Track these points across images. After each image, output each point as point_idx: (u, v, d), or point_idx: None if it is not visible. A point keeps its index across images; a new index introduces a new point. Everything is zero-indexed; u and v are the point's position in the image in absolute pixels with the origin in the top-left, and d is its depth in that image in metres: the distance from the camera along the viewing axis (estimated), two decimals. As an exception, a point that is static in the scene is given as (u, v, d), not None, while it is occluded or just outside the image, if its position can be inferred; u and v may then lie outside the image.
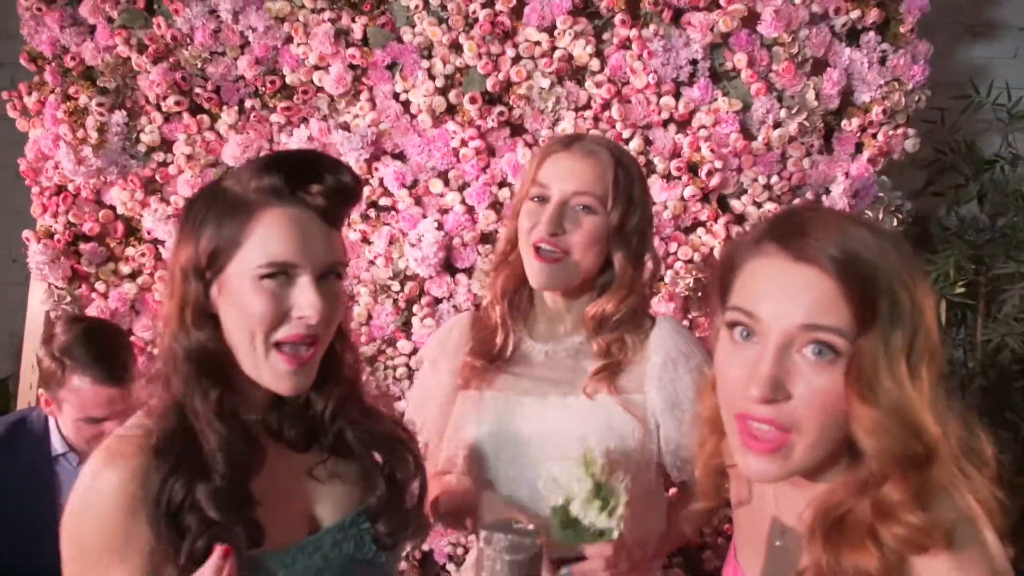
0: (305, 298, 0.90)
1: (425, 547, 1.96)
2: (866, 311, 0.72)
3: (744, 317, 0.77)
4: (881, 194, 1.89)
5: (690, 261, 1.88)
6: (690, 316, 1.91)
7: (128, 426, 0.94)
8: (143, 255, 2.03)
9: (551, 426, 1.21)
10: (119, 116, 1.98)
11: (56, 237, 2.05)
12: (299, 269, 0.91)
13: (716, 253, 1.87)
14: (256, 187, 0.93)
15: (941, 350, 0.79)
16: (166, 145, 2.00)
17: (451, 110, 1.91)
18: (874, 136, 1.88)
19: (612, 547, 0.98)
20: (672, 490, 1.38)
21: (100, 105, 1.96)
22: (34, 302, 2.14)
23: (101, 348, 1.60)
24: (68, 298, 2.08)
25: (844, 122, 1.89)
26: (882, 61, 1.87)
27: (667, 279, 1.87)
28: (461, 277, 1.95)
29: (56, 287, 2.07)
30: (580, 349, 1.27)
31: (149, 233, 2.03)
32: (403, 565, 1.90)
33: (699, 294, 1.83)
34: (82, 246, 2.06)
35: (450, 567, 2.01)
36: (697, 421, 0.94)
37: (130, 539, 0.86)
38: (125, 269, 2.06)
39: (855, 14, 1.84)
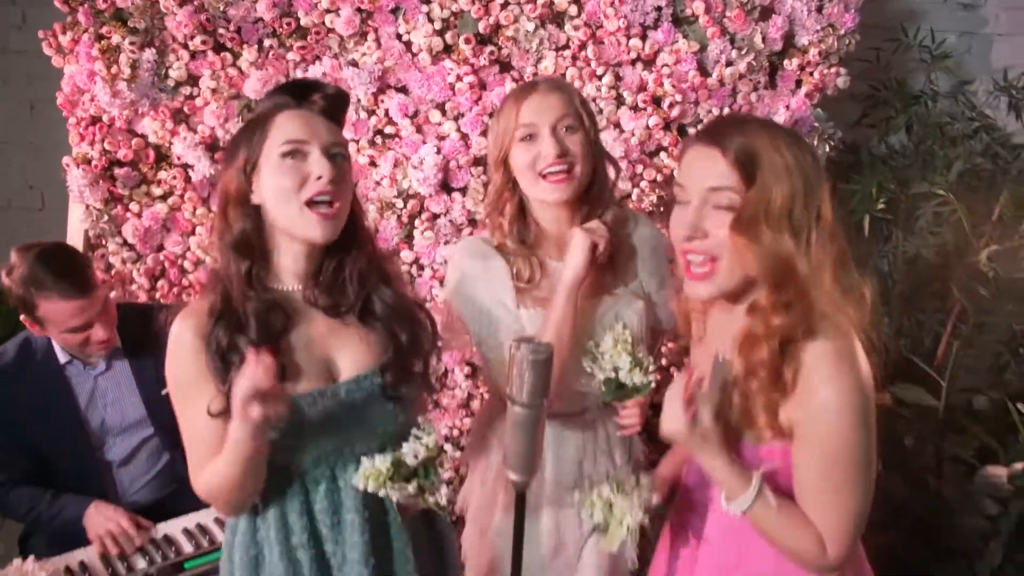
0: (317, 165, 1.19)
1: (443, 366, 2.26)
2: (749, 177, 1.05)
3: (679, 189, 1.11)
4: (816, 124, 2.20)
5: (654, 181, 2.19)
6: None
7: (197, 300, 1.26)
8: (173, 178, 2.29)
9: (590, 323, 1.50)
10: (149, 54, 2.21)
11: (93, 163, 2.30)
12: (309, 145, 1.20)
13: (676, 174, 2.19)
14: (270, 104, 1.25)
15: (835, 227, 1.11)
16: (192, 80, 2.24)
17: (448, 49, 2.18)
18: (811, 74, 2.19)
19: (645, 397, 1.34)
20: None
21: (132, 44, 2.19)
22: (74, 221, 2.39)
23: (59, 267, 1.77)
24: (105, 217, 2.34)
25: (786, 62, 2.20)
26: (819, 9, 2.17)
27: (634, 197, 2.19)
28: (456, 195, 2.24)
29: (94, 208, 2.33)
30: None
31: (179, 159, 2.28)
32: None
33: (662, 209, 2.15)
34: (117, 171, 2.30)
35: (447, 447, 2.36)
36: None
37: (200, 374, 1.19)
38: (157, 191, 2.32)
39: (796, -34, 2.13)
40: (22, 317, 1.85)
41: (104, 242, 2.36)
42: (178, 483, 1.87)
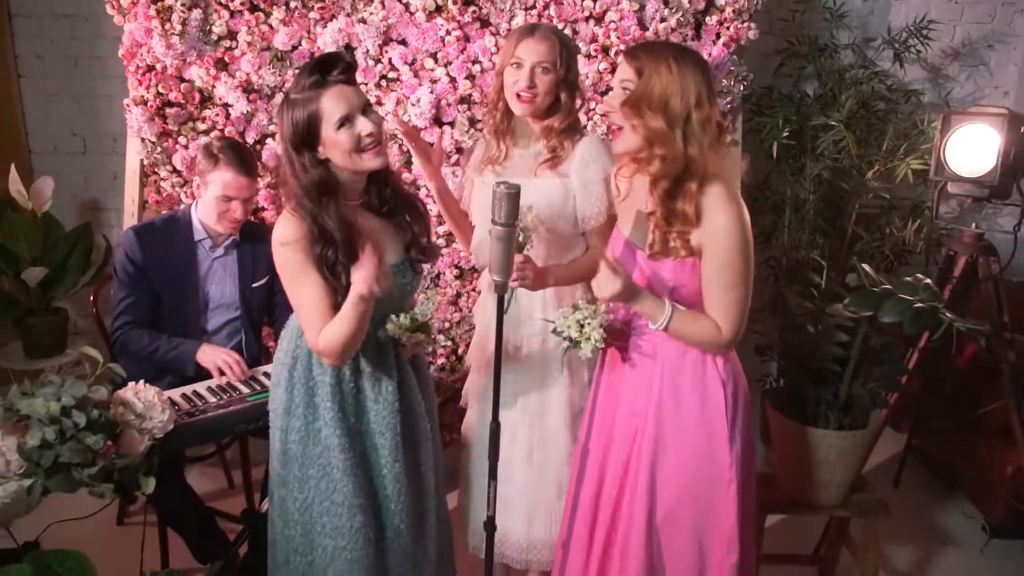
0: (362, 125, 1.68)
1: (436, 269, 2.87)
2: (640, 76, 1.61)
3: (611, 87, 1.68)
4: (732, 68, 2.76)
5: (604, 115, 2.74)
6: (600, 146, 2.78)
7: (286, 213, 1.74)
8: (216, 116, 2.81)
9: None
10: (196, 13, 2.71)
11: (148, 104, 2.81)
12: (352, 113, 1.68)
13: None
14: (309, 84, 1.68)
15: (714, 116, 1.65)
16: (232, 34, 2.75)
17: (439, 9, 2.71)
18: (727, 28, 2.74)
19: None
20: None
21: (182, 5, 2.70)
22: (131, 153, 2.91)
23: (241, 152, 2.40)
24: (158, 149, 2.85)
25: (707, 19, 2.74)
26: (733, -24, 2.72)
27: (588, 127, 2.74)
28: (447, 128, 2.79)
29: (149, 141, 2.84)
30: (538, 152, 2.11)
31: (220, 99, 2.79)
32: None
33: (609, 136, 2.69)
34: (168, 111, 2.81)
35: (440, 337, 2.92)
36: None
37: (305, 264, 1.71)
38: (201, 127, 2.83)
39: (715, -58, 2.68)
40: (196, 179, 2.46)
41: (156, 170, 2.87)
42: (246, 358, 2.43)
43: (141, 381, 2.00)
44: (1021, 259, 3.57)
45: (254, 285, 2.53)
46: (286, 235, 1.72)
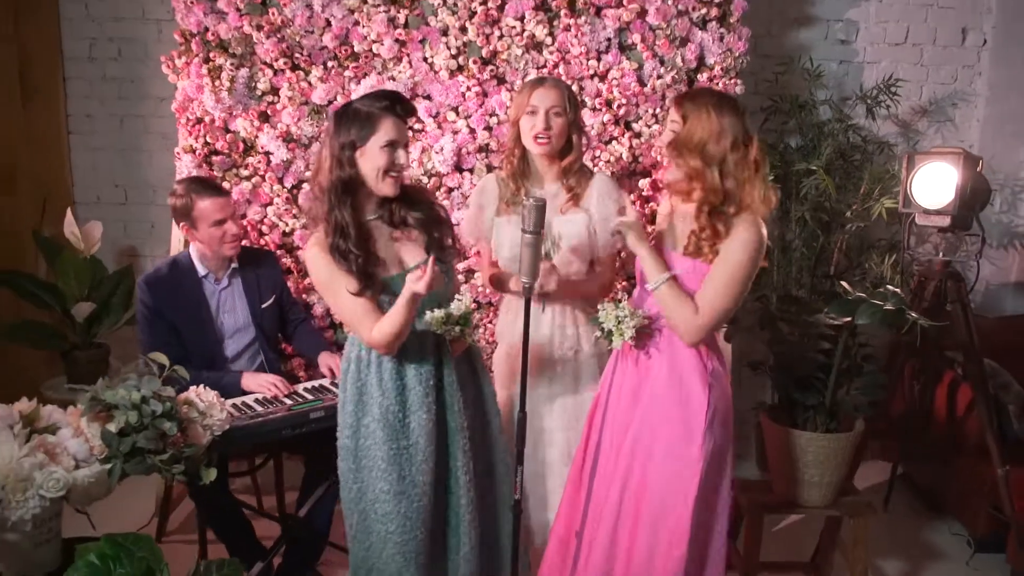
0: (400, 156, 1.98)
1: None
2: (685, 120, 1.91)
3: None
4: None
5: (608, 161, 3.06)
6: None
7: (317, 232, 2.03)
8: (257, 163, 3.12)
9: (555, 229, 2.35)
10: (244, 72, 3.05)
11: (196, 152, 3.12)
12: (398, 143, 1.98)
13: (624, 156, 3.06)
14: (379, 107, 1.99)
15: (758, 157, 1.95)
16: (274, 91, 3.08)
17: (460, 68, 3.05)
18: (717, 84, 3.08)
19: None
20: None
21: (231, 65, 3.04)
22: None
23: (204, 181, 2.69)
24: (204, 193, 3.15)
25: (699, 76, 3.09)
26: (721, 39, 3.07)
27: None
28: (466, 174, 3.09)
29: (196, 186, 3.14)
30: (555, 192, 2.40)
31: (262, 148, 3.10)
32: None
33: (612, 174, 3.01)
34: (214, 158, 3.13)
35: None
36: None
37: (335, 273, 1.98)
38: (243, 172, 3.13)
39: (704, 11, 3.04)
40: (180, 224, 2.66)
41: (202, 212, 3.16)
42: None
43: (201, 385, 2.24)
44: (991, 298, 3.87)
45: (263, 306, 2.75)
46: (312, 242, 2.02)
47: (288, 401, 2.52)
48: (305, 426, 2.42)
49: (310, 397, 2.53)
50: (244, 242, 2.92)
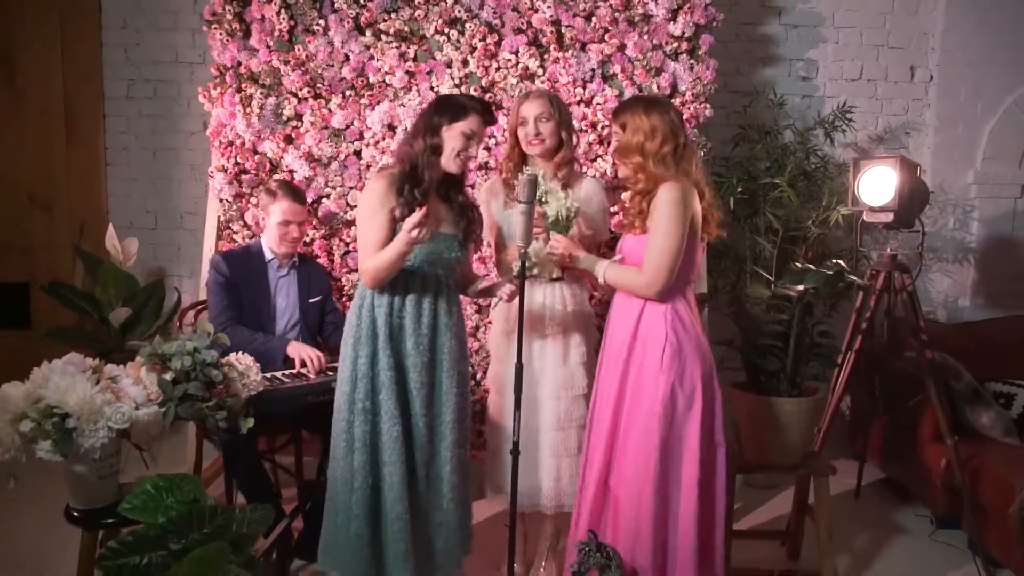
0: (473, 148, 2.38)
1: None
2: (624, 128, 2.31)
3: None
4: (694, 139, 3.50)
5: (593, 176, 3.45)
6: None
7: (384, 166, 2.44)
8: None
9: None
10: (272, 100, 3.47)
11: (227, 171, 3.50)
12: (475, 137, 2.38)
13: (608, 172, 3.46)
14: (472, 105, 2.40)
15: (676, 140, 2.35)
16: (298, 116, 3.49)
17: (462, 95, 3.47)
18: (688, 108, 3.50)
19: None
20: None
21: (261, 94, 3.46)
22: (211, 211, 3.58)
23: (293, 187, 3.15)
24: (233, 207, 3.53)
25: (673, 100, 3.52)
26: (691, 68, 3.50)
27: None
28: (468, 189, 3.47)
29: (226, 201, 3.51)
30: (550, 189, 2.78)
31: (287, 167, 3.50)
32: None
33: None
34: (243, 177, 3.52)
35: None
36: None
37: (383, 201, 2.35)
38: (270, 189, 3.53)
39: (676, 44, 3.48)
40: (260, 206, 3.16)
41: (231, 225, 3.53)
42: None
43: (240, 352, 2.57)
44: (950, 308, 4.21)
45: (310, 300, 3.16)
46: (379, 175, 2.40)
47: (313, 376, 2.84)
48: (327, 394, 2.73)
49: (331, 374, 2.85)
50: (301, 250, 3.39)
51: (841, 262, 2.54)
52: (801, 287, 2.48)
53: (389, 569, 2.39)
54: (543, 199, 2.49)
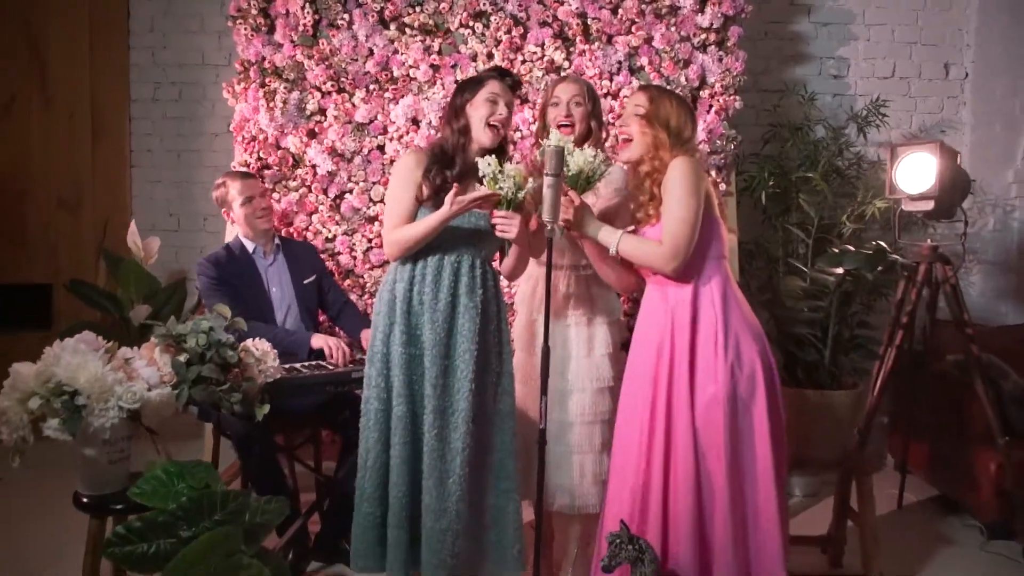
0: (501, 109, 2.32)
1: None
2: (651, 102, 2.23)
3: (624, 112, 2.29)
4: (724, 132, 3.41)
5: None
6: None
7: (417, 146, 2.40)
8: (306, 174, 3.46)
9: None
10: (295, 95, 3.44)
11: (250, 166, 3.47)
12: (500, 99, 2.31)
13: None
14: (488, 74, 2.37)
15: (691, 133, 2.27)
16: (322, 111, 3.45)
17: (487, 89, 3.42)
18: (718, 100, 3.42)
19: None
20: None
21: (285, 88, 3.43)
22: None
23: (235, 171, 3.18)
24: (255, 203, 3.47)
25: (702, 93, 3.43)
26: (720, 60, 3.42)
27: (609, 178, 3.35)
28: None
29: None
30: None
31: (309, 161, 3.45)
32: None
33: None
34: (265, 172, 3.48)
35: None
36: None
37: (410, 177, 2.29)
38: (292, 184, 3.47)
39: (704, 36, 3.41)
40: (224, 212, 3.13)
41: (252, 221, 3.48)
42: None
43: (257, 338, 2.49)
44: (991, 311, 4.06)
45: (304, 282, 3.09)
46: (413, 150, 2.41)
47: (331, 367, 2.76)
48: (347, 384, 2.65)
49: (353, 365, 2.77)
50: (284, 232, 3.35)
51: (881, 242, 2.40)
52: (840, 270, 2.35)
53: (388, 554, 2.29)
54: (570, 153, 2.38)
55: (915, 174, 2.88)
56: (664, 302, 2.27)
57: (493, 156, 2.24)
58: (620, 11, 3.39)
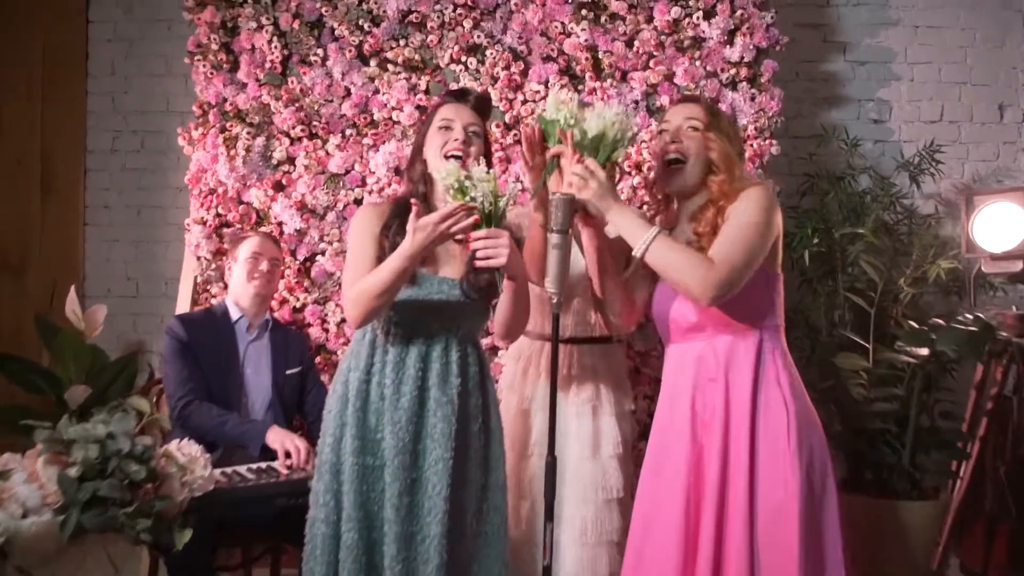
0: (457, 132, 1.88)
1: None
2: (710, 114, 1.75)
3: (666, 124, 1.81)
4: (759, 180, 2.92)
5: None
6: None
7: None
8: (270, 233, 2.98)
9: None
10: (260, 141, 2.98)
11: (207, 223, 2.99)
12: (454, 123, 1.89)
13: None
14: (438, 102, 1.96)
15: (736, 145, 1.81)
16: (290, 160, 2.99)
17: (482, 133, 2.96)
18: (751, 145, 2.94)
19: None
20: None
21: (248, 134, 2.97)
22: (187, 270, 3.05)
23: (264, 232, 2.80)
24: (212, 266, 2.99)
25: (732, 136, 2.96)
26: (752, 99, 2.96)
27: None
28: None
29: (204, 258, 2.99)
30: None
31: (275, 217, 2.97)
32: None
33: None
34: (225, 231, 3.00)
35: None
36: None
37: (369, 230, 1.83)
38: (255, 244, 3.00)
39: (733, 71, 2.96)
40: (226, 261, 2.79)
41: (209, 287, 3.00)
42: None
43: (185, 439, 1.98)
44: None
45: (288, 372, 2.59)
46: (369, 204, 2.05)
47: (284, 471, 2.23)
48: (302, 497, 2.10)
49: (310, 468, 2.24)
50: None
51: (981, 314, 1.89)
52: (926, 351, 1.83)
53: None
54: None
55: (997, 227, 2.38)
56: (710, 364, 1.74)
57: (453, 161, 1.75)
58: (636, 43, 2.94)
